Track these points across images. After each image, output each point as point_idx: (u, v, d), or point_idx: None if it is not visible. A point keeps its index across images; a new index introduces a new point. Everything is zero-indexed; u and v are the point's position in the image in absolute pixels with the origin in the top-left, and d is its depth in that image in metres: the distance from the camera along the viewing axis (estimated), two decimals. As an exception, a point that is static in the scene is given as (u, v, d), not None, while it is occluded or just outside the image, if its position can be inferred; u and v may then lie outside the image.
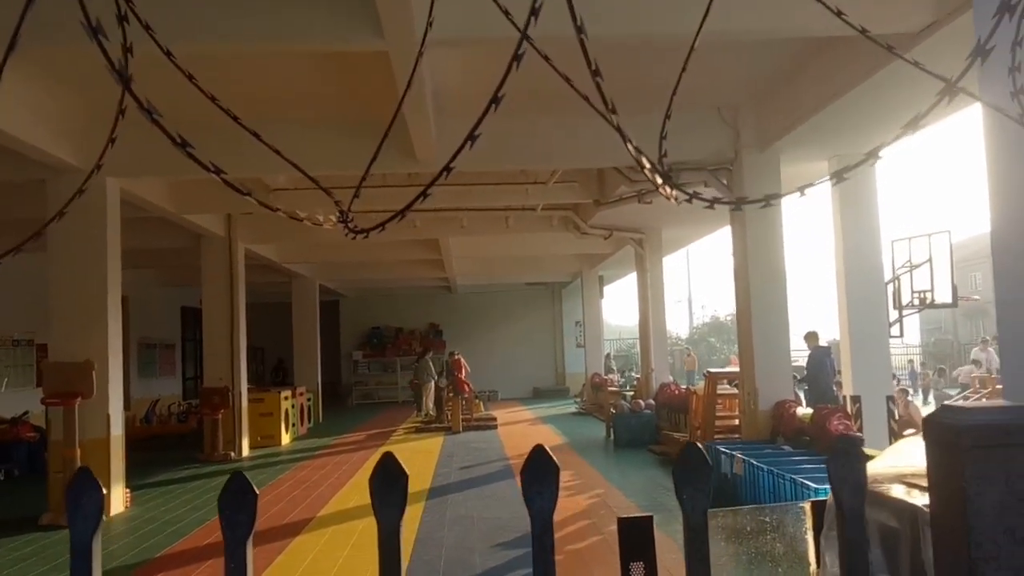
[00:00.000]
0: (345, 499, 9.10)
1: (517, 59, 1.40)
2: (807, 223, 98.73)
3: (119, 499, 8.77)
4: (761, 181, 8.96)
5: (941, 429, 1.44)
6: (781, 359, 9.30)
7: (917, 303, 9.97)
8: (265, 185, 11.25)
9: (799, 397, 11.26)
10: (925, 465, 1.51)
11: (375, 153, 1.93)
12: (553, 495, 1.49)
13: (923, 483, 2.13)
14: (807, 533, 3.25)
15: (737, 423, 10.45)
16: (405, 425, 17.79)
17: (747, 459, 7.65)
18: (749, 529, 3.85)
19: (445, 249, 16.68)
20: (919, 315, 12.62)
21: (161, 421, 16.68)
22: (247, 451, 13.57)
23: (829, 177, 1.78)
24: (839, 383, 10.79)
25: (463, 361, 17.27)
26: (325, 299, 22.68)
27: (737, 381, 10.24)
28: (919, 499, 2.32)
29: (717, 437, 9.93)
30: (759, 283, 9.18)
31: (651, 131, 2.41)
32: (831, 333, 14.00)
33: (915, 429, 8.76)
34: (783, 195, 1.95)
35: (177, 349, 21.92)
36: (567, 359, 26.59)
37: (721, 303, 69.80)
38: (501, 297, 26.63)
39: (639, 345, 17.45)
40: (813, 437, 8.33)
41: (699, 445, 1.55)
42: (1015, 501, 1.37)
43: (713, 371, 11.26)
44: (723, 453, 8.32)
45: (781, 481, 6.75)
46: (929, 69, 1.68)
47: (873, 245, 9.72)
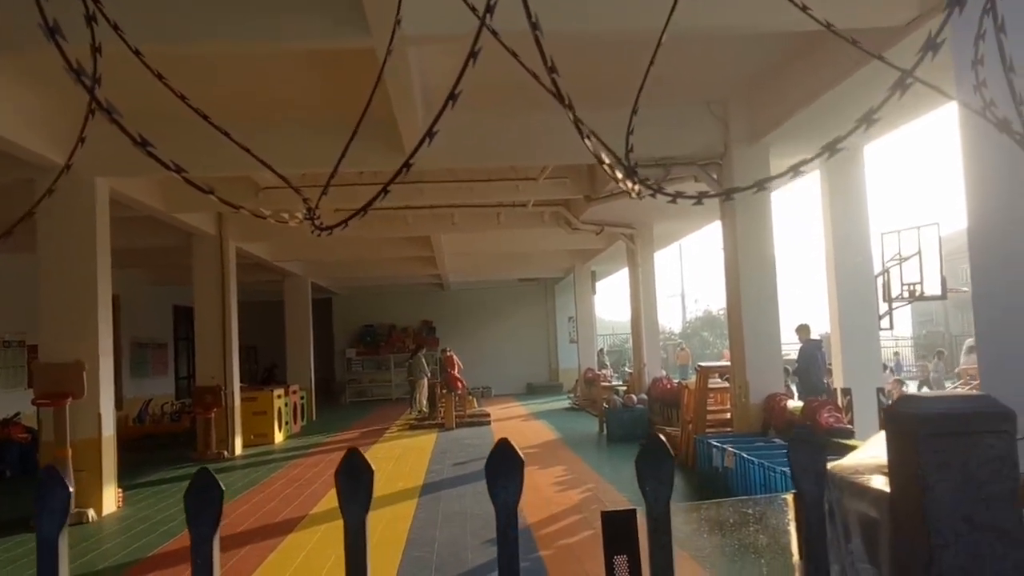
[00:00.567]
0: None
1: (474, 56, 1.41)
2: (797, 216, 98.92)
3: (111, 499, 8.76)
4: (751, 175, 8.87)
5: (900, 418, 1.44)
6: (772, 352, 9.29)
7: (907, 295, 10.03)
8: (255, 183, 11.23)
9: (790, 390, 11.30)
10: None
11: (344, 150, 1.94)
12: (517, 488, 1.50)
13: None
14: (790, 524, 3.27)
15: (729, 416, 10.48)
16: (399, 422, 17.80)
17: (738, 452, 7.68)
18: (732, 521, 3.87)
19: (437, 246, 16.67)
20: (911, 307, 12.66)
21: (154, 420, 16.66)
22: (240, 450, 13.57)
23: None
24: (830, 370, 10.83)
25: (456, 358, 17.28)
26: (318, 297, 22.63)
27: (728, 375, 10.27)
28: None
29: (709, 430, 9.95)
30: (749, 274, 9.20)
31: (639, 125, 2.42)
32: (822, 326, 14.05)
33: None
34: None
35: (169, 348, 21.82)
36: (560, 355, 26.55)
37: (714, 297, 70.05)
38: (493, 293, 26.60)
39: (631, 340, 17.47)
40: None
41: (662, 437, 1.56)
42: (973, 489, 1.38)
43: (705, 365, 11.27)
44: (714, 446, 8.35)
45: (772, 474, 6.77)
46: (891, 62, 1.70)
47: (863, 238, 9.77)
